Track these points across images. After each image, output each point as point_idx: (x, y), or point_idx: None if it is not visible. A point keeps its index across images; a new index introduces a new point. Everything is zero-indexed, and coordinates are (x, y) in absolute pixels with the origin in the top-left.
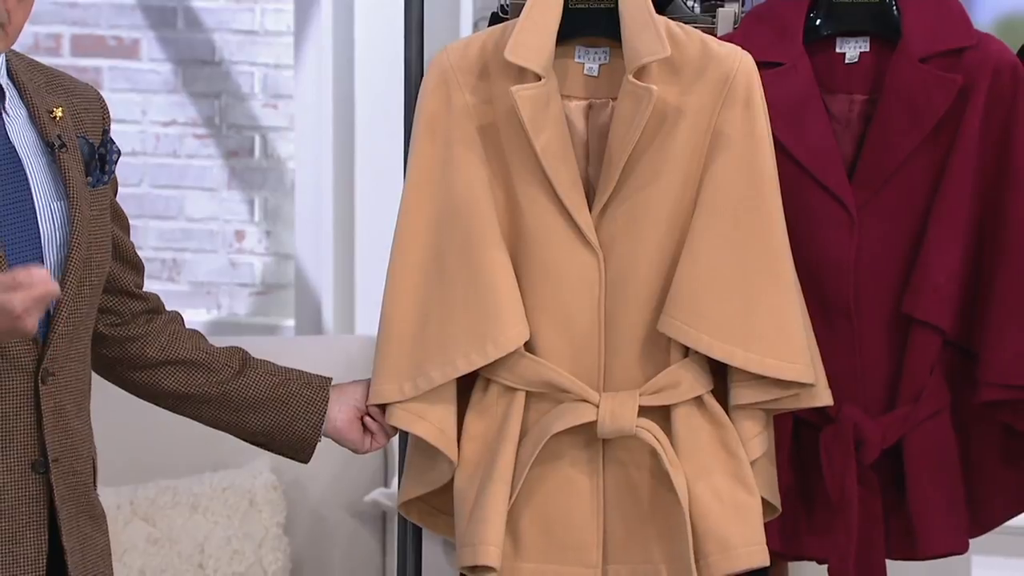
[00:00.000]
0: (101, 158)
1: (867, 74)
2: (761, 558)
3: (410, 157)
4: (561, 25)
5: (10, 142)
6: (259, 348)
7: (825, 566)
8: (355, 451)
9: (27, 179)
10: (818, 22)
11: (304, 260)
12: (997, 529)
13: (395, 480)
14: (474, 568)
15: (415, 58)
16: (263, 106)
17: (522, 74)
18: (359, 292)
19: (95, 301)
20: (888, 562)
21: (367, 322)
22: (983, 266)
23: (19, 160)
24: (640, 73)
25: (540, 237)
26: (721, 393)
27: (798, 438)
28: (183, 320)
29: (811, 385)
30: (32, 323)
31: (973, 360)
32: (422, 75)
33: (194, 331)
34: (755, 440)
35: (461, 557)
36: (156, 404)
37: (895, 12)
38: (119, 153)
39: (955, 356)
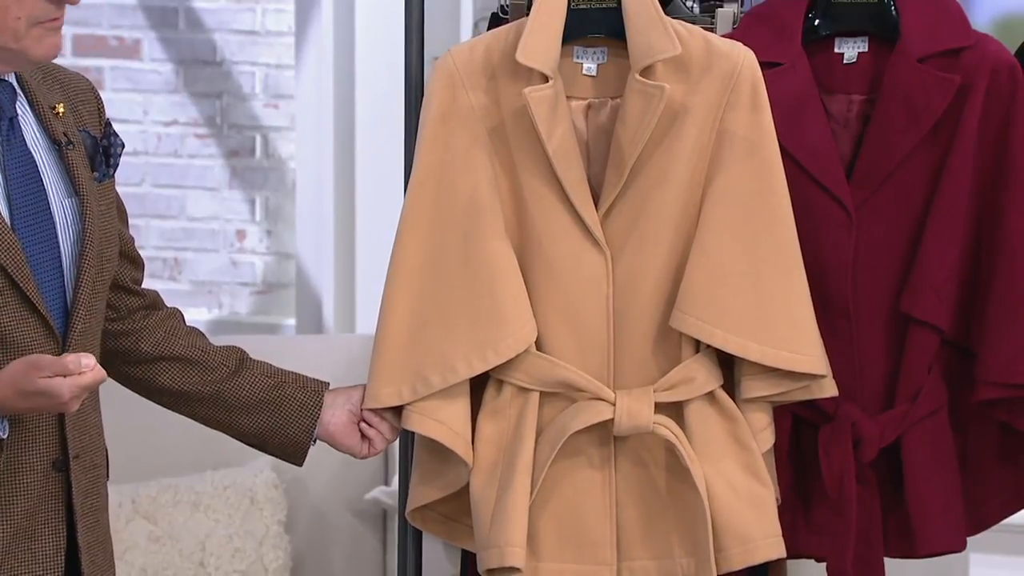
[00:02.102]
0: (105, 151)
1: (865, 74)
2: (779, 550)
3: (415, 158)
4: (565, 26)
5: (24, 142)
6: (260, 347)
7: (824, 564)
8: (353, 456)
9: (41, 178)
10: (817, 22)
11: (305, 259)
12: (996, 527)
13: (395, 478)
14: (498, 570)
15: (415, 58)
16: (264, 106)
17: (529, 76)
18: (359, 291)
19: (105, 295)
20: (886, 560)
21: (368, 321)
22: (981, 265)
23: (33, 160)
24: (646, 72)
25: (548, 236)
26: (728, 387)
27: (797, 436)
28: (183, 317)
29: (822, 376)
30: (76, 406)
31: (971, 359)
32: (422, 76)
33: (192, 328)
34: (765, 432)
35: (486, 560)
36: (152, 400)
37: (893, 12)
38: (123, 145)
39: (953, 355)
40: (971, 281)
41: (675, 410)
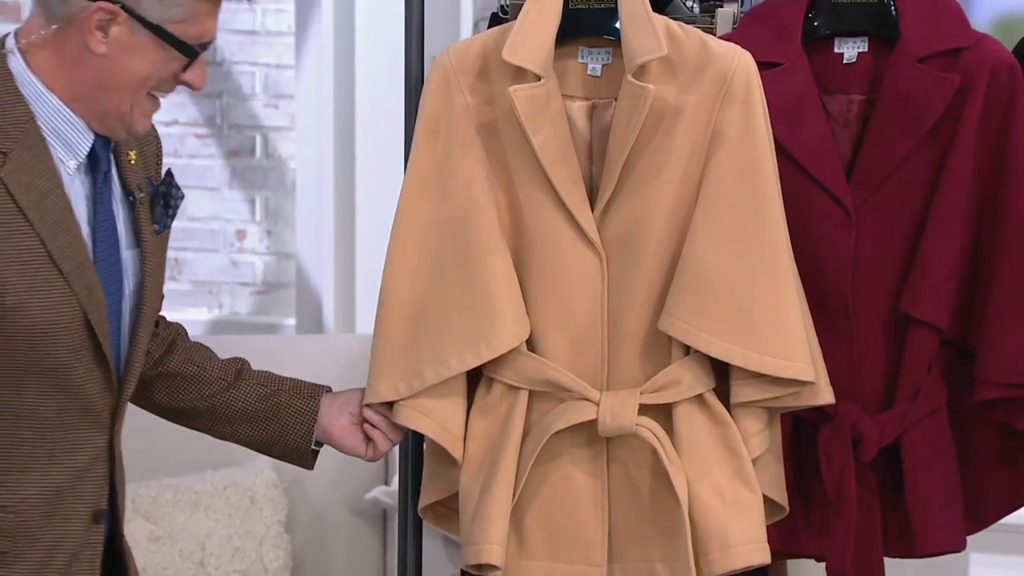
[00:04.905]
0: (164, 199)
1: (865, 74)
2: (761, 556)
3: (410, 157)
4: (563, 25)
5: (111, 197)
6: (260, 347)
7: (824, 564)
8: (360, 457)
9: (116, 230)
10: (817, 22)
11: (305, 259)
12: (995, 527)
13: (395, 478)
14: (479, 567)
15: (415, 58)
16: (264, 106)
17: (522, 74)
18: (359, 291)
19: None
20: (886, 560)
21: (367, 321)
22: (981, 265)
23: (113, 212)
24: (640, 72)
25: (542, 237)
26: (724, 391)
27: (797, 437)
28: (185, 334)
29: (811, 383)
30: None
31: (971, 359)
32: (422, 75)
33: (193, 344)
34: (756, 438)
35: (465, 556)
36: (154, 414)
37: (893, 12)
38: (183, 197)
39: (953, 355)
40: (971, 281)
41: (664, 412)
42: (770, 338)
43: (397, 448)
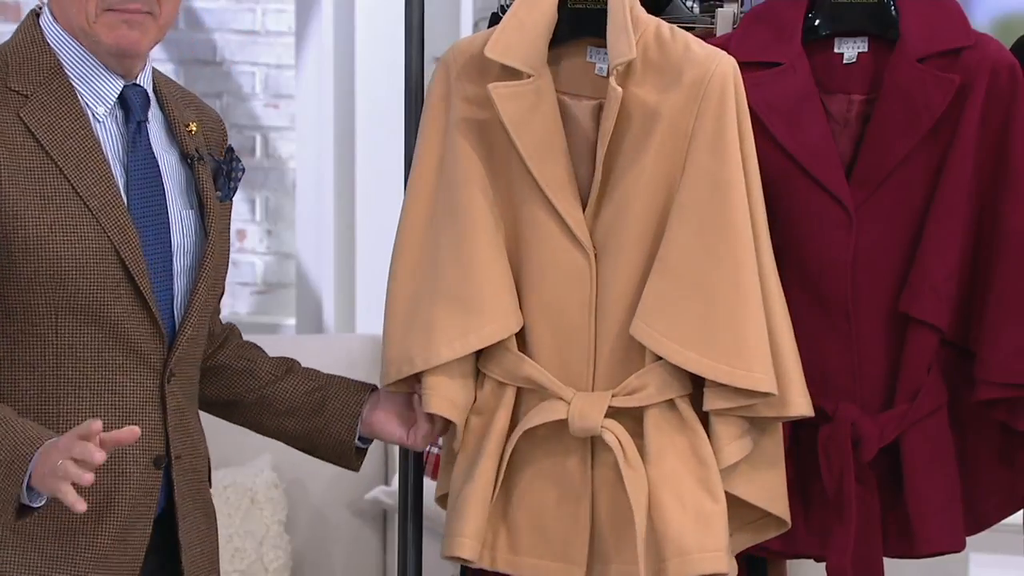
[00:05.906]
0: (227, 172)
1: (865, 74)
2: (719, 565)
3: (415, 154)
4: (564, 24)
5: (150, 147)
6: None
7: (823, 564)
8: (403, 445)
9: (163, 185)
10: (817, 22)
11: (305, 259)
12: (995, 527)
13: (395, 478)
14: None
15: (415, 58)
16: (264, 106)
17: (514, 72)
18: (360, 291)
19: (213, 312)
20: (886, 560)
21: (367, 321)
22: (980, 265)
23: (157, 166)
24: (626, 73)
25: (533, 235)
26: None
27: (796, 436)
28: (240, 333)
29: (772, 395)
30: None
31: (971, 359)
32: (422, 75)
33: (246, 342)
34: (732, 446)
35: (442, 547)
36: (205, 411)
37: (893, 12)
38: (244, 170)
39: (952, 355)
40: (971, 281)
41: (636, 416)
42: (727, 347)
43: (397, 448)
